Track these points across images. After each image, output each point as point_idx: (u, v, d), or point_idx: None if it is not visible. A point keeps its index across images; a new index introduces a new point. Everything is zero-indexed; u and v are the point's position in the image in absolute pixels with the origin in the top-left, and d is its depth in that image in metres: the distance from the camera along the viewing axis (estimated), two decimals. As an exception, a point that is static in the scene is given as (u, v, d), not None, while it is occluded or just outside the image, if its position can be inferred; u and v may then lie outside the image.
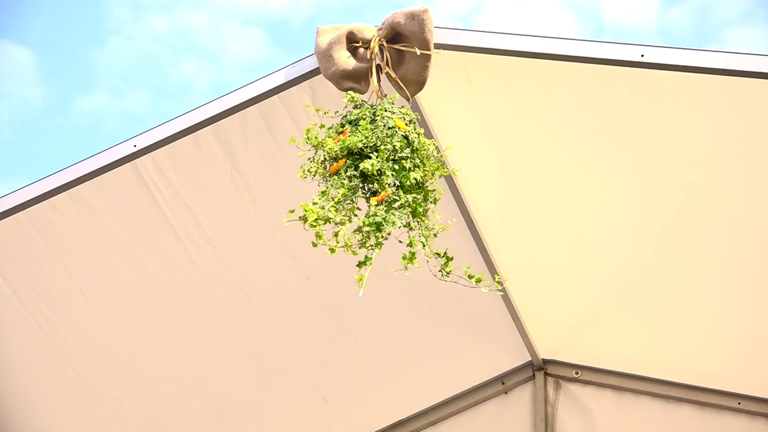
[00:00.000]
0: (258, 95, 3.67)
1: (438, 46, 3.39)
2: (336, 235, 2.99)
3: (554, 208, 4.30)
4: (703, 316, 4.62)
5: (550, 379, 5.26)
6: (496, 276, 3.14)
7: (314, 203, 2.99)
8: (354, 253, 3.03)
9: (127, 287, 4.28)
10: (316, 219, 2.95)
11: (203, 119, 3.71)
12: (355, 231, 3.04)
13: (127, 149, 3.76)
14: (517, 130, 3.92)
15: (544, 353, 5.21)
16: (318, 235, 2.96)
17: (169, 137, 3.74)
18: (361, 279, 3.01)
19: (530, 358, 5.22)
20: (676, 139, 3.78)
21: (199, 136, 3.76)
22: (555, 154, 4.01)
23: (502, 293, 3.08)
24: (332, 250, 3.00)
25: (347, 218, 3.04)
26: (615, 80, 3.56)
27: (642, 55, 3.40)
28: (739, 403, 4.94)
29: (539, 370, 5.25)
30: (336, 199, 3.05)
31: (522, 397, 5.28)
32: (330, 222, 2.99)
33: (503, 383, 5.27)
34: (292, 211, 2.97)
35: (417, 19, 3.39)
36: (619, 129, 3.82)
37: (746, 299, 4.45)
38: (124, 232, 4.07)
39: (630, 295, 4.66)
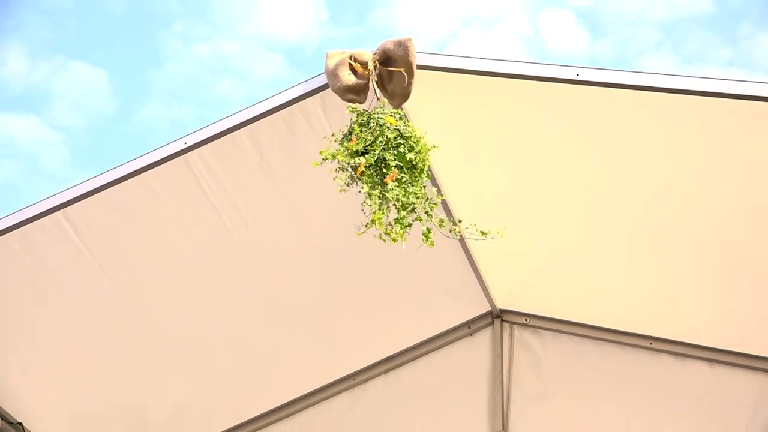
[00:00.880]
0: (281, 104, 3.69)
1: (419, 67, 3.42)
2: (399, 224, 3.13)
3: (512, 190, 4.33)
4: (624, 275, 4.66)
5: (505, 325, 5.29)
6: (498, 230, 3.22)
7: (376, 214, 3.09)
8: (395, 240, 3.14)
9: (179, 253, 4.32)
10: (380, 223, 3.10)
11: (239, 122, 3.74)
12: (396, 218, 3.15)
13: (179, 146, 3.78)
14: (485, 130, 3.94)
15: (500, 304, 5.24)
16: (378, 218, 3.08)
17: (212, 136, 3.77)
18: (401, 234, 3.14)
19: (490, 308, 5.24)
20: (610, 138, 3.85)
21: (236, 136, 3.78)
22: (517, 147, 4.03)
23: (502, 239, 3.18)
24: (395, 240, 3.13)
25: (384, 209, 3.12)
26: (554, 94, 3.59)
27: (577, 75, 3.45)
28: (650, 344, 4.99)
29: (497, 317, 5.27)
30: (377, 194, 3.12)
31: (484, 339, 5.30)
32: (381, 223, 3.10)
33: (469, 327, 5.29)
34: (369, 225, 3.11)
35: (403, 45, 3.42)
36: (564, 127, 3.85)
37: (656, 263, 4.51)
38: (177, 210, 4.10)
39: (568, 258, 4.70)
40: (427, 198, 3.22)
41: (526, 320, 5.25)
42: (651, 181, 4.03)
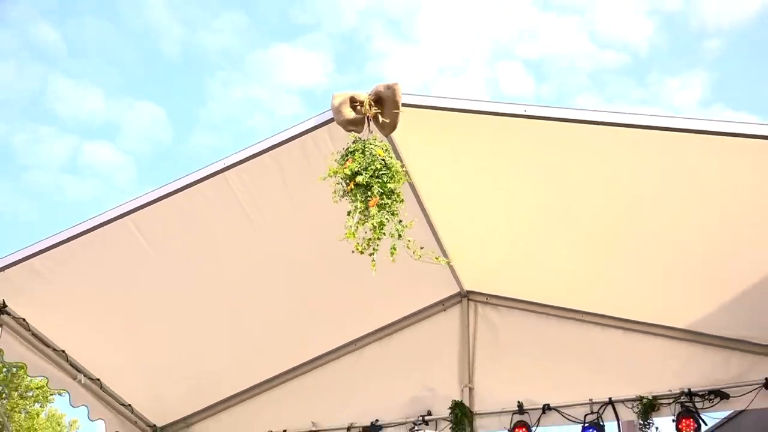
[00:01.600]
0: (297, 134, 3.68)
1: (404, 104, 3.40)
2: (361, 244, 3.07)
3: (478, 200, 4.25)
4: (562, 266, 4.60)
5: (471, 303, 5.24)
6: (447, 259, 3.27)
7: (351, 232, 3.05)
8: (362, 252, 3.07)
9: (220, 248, 4.25)
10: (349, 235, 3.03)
11: (265, 148, 3.72)
12: (370, 238, 3.07)
13: (219, 166, 3.77)
14: (456, 153, 3.88)
15: (467, 287, 5.19)
16: (350, 235, 3.04)
17: (245, 158, 3.75)
18: (373, 265, 3.08)
19: (459, 290, 5.20)
20: (552, 159, 3.80)
21: (262, 158, 3.74)
22: (480, 166, 3.96)
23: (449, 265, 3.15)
24: (361, 252, 3.08)
25: (361, 223, 3.06)
26: (508, 126, 3.54)
27: (525, 110, 3.43)
28: (582, 317, 4.95)
29: (464, 297, 5.23)
30: (356, 211, 3.08)
31: (454, 313, 5.24)
32: (355, 235, 3.05)
33: (443, 305, 5.25)
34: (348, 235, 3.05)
35: (391, 88, 3.40)
36: (516, 151, 3.80)
37: (586, 257, 4.46)
38: (217, 214, 4.03)
39: (520, 253, 4.64)
40: (400, 221, 3.15)
41: (486, 299, 5.20)
42: (585, 194, 3.98)
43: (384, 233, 3.07)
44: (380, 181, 3.12)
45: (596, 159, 3.69)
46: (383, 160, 3.17)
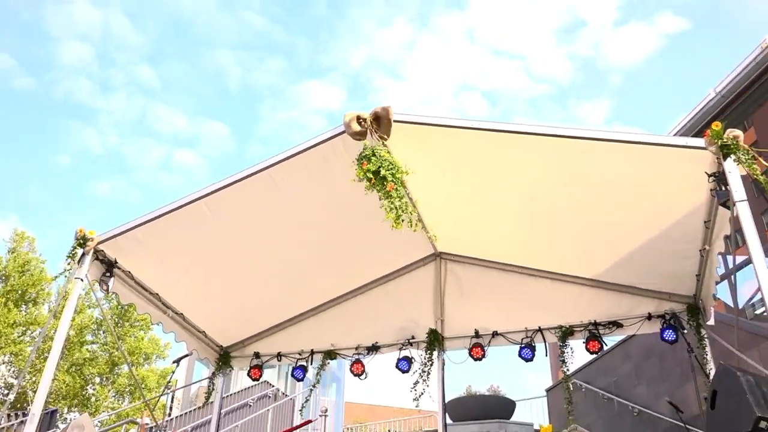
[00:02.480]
0: (319, 141, 3.65)
1: (395, 120, 3.40)
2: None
3: (446, 189, 4.20)
4: (507, 235, 4.58)
5: (442, 260, 5.21)
6: (434, 234, 3.19)
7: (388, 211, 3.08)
8: (400, 227, 3.10)
9: (266, 223, 4.22)
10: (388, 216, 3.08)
11: (296, 152, 3.70)
12: (395, 220, 3.09)
13: (264, 164, 3.72)
14: (432, 155, 3.81)
15: (440, 249, 5.15)
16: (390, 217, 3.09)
17: (282, 159, 3.72)
18: (401, 226, 3.10)
19: (434, 251, 5.17)
20: (498, 159, 3.74)
21: (295, 158, 3.72)
22: (449, 164, 3.90)
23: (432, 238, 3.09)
24: (400, 227, 3.10)
25: (393, 204, 3.10)
26: (466, 135, 3.50)
27: (478, 125, 3.42)
28: (521, 270, 4.89)
29: (438, 256, 5.20)
30: (384, 197, 3.11)
31: (431, 268, 5.22)
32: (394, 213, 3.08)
33: (423, 262, 5.21)
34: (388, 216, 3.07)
35: (385, 109, 3.41)
36: (476, 152, 3.73)
37: (522, 231, 4.43)
38: (263, 198, 4.01)
39: (478, 225, 4.59)
40: (405, 202, 3.18)
41: (453, 258, 5.17)
42: (522, 182, 3.95)
43: (401, 209, 3.08)
44: (391, 173, 3.16)
45: (529, 156, 3.67)
46: (389, 160, 3.19)
